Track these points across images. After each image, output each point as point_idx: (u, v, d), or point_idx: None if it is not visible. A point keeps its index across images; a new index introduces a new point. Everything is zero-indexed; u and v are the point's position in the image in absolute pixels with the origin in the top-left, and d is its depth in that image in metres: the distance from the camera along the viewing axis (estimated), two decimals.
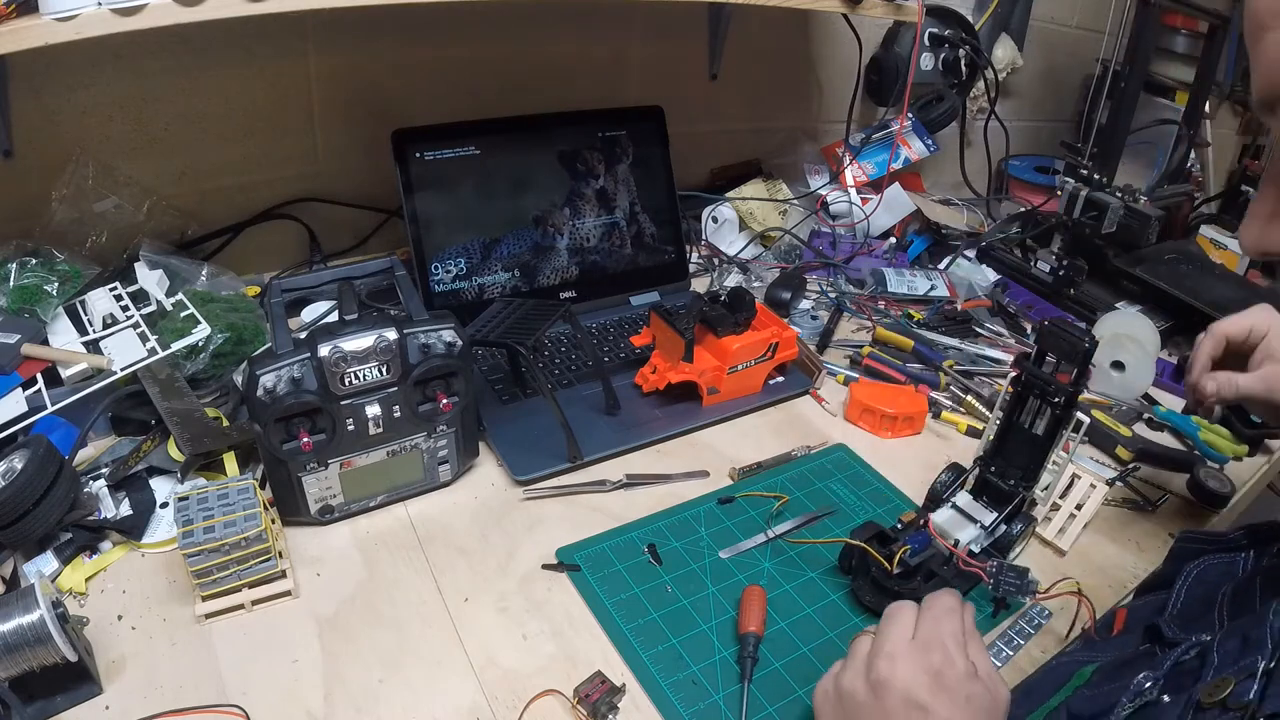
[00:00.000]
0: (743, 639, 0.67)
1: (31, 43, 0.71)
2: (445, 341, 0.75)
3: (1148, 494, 0.89)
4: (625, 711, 0.62)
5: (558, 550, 0.76)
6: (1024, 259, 1.35)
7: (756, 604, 0.69)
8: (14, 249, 0.93)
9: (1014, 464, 0.77)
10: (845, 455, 0.92)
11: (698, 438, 0.93)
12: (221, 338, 0.90)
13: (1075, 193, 1.23)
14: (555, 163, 1.12)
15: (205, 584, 0.65)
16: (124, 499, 0.76)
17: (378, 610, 0.69)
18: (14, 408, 0.79)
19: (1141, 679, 0.51)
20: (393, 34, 1.12)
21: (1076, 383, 0.72)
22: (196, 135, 1.06)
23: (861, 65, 1.44)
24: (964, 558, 0.70)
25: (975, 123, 1.65)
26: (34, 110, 0.95)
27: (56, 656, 0.56)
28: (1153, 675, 0.51)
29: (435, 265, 1.05)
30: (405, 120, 1.02)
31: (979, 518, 0.76)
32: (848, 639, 0.68)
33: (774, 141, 1.53)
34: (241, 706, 0.59)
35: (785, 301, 1.17)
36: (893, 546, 0.70)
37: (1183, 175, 1.57)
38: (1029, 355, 0.75)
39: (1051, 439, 0.74)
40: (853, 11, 1.15)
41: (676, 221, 1.21)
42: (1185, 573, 0.65)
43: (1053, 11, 1.71)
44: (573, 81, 1.24)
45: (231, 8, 0.76)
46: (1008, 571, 0.68)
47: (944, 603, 0.56)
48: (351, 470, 0.75)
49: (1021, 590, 0.67)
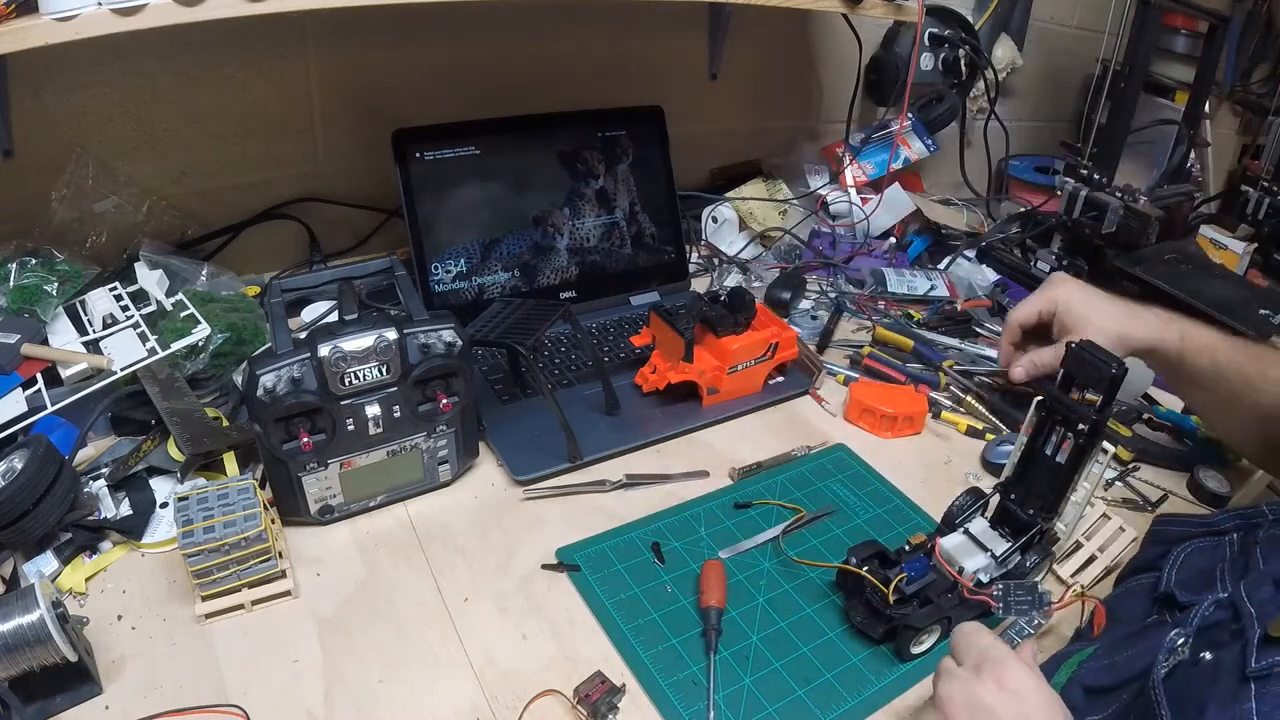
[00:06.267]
0: (704, 613, 0.68)
1: (31, 43, 0.71)
2: (445, 341, 0.75)
3: (1148, 494, 0.89)
4: (625, 711, 0.62)
5: (558, 550, 0.76)
6: (1024, 259, 1.35)
7: (715, 579, 0.70)
8: (14, 249, 0.93)
9: (1034, 493, 0.73)
10: (845, 455, 0.92)
11: (698, 438, 0.93)
12: (221, 338, 0.90)
13: (1075, 193, 1.23)
14: (555, 163, 1.12)
15: (205, 584, 0.65)
16: (124, 499, 0.76)
17: (378, 610, 0.69)
18: (14, 408, 0.79)
19: (1174, 635, 0.52)
20: (393, 34, 1.12)
21: (1102, 410, 0.67)
22: (196, 135, 1.06)
23: (861, 65, 1.44)
24: (968, 586, 0.67)
25: (975, 123, 1.65)
26: (34, 110, 0.95)
27: (56, 656, 0.56)
28: (1184, 631, 0.52)
29: (435, 265, 1.05)
30: (405, 120, 1.02)
31: (991, 546, 0.72)
32: (847, 640, 0.69)
33: (774, 141, 1.54)
34: (241, 706, 0.59)
35: (785, 301, 1.17)
36: (891, 572, 0.68)
37: (1183, 175, 1.57)
38: (1053, 379, 0.71)
39: (1074, 469, 0.70)
40: (853, 11, 1.15)
41: (676, 221, 1.21)
42: (1174, 555, 0.66)
43: (1053, 11, 1.71)
44: (572, 81, 1.24)
45: (231, 8, 0.76)
46: (1016, 591, 0.65)
47: (966, 627, 0.59)
48: (351, 470, 0.75)
49: (1034, 606, 0.65)
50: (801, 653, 0.68)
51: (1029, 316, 0.89)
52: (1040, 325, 0.89)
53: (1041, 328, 0.89)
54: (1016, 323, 0.90)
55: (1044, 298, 0.88)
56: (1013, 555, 0.71)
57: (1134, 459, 0.93)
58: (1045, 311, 0.88)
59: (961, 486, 0.83)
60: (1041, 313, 0.88)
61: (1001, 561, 0.71)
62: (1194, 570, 0.63)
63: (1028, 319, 0.90)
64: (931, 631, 0.68)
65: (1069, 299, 0.86)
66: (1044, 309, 0.88)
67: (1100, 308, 0.85)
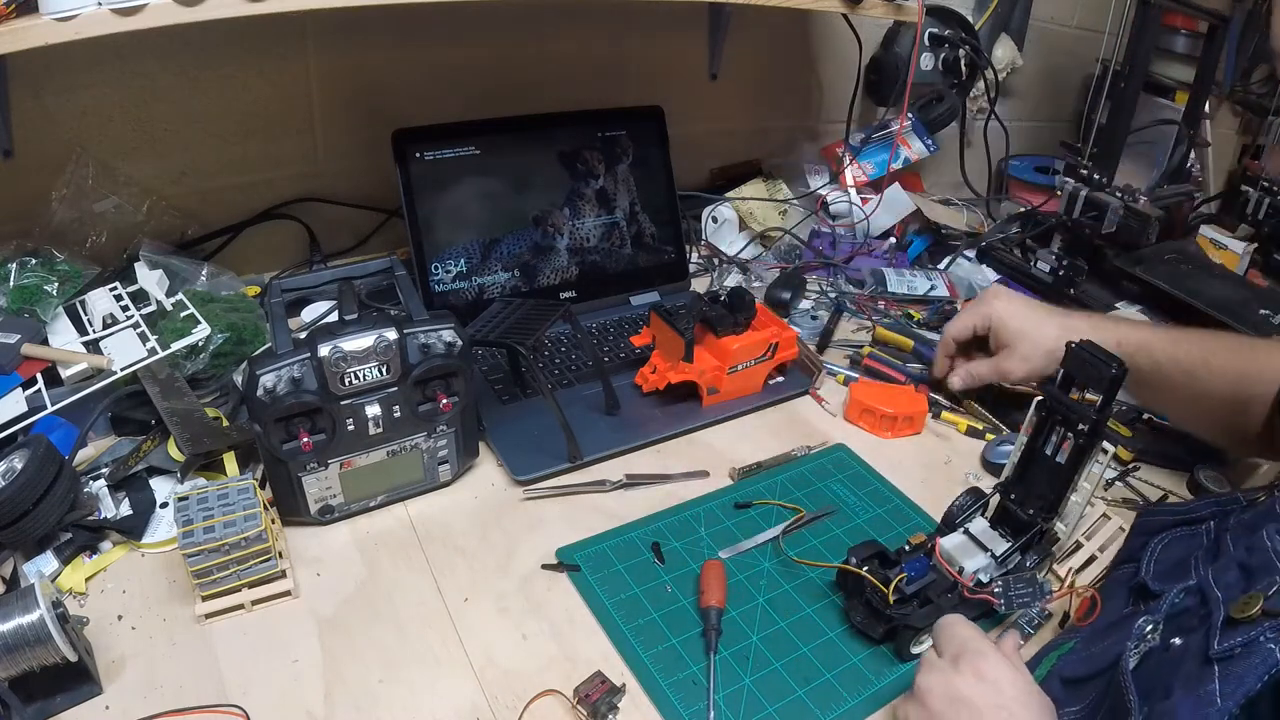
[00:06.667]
0: (704, 613, 0.68)
1: (31, 43, 0.71)
2: (445, 341, 0.75)
3: (1148, 494, 0.89)
4: (625, 711, 0.62)
5: (558, 550, 0.76)
6: (1024, 259, 1.35)
7: (715, 578, 0.70)
8: (14, 249, 0.93)
9: (1035, 493, 0.73)
10: (845, 455, 0.92)
11: (698, 438, 0.93)
12: (221, 338, 0.90)
13: (1075, 193, 1.23)
14: (555, 163, 1.12)
15: (205, 584, 0.65)
16: (124, 499, 0.76)
17: (378, 610, 0.69)
18: (14, 408, 0.79)
19: (1142, 623, 0.53)
20: (393, 34, 1.12)
21: (1102, 411, 0.67)
22: (196, 135, 1.06)
23: (861, 65, 1.44)
24: (968, 586, 0.67)
25: (975, 123, 1.65)
26: (34, 110, 0.95)
27: (56, 656, 0.56)
28: (1152, 619, 0.54)
29: (435, 265, 1.05)
30: (405, 120, 1.02)
31: (991, 546, 0.72)
32: (847, 640, 0.69)
33: (774, 141, 1.53)
34: (241, 706, 0.59)
35: (785, 301, 1.17)
36: (891, 571, 0.68)
37: (1183, 175, 1.57)
38: (1053, 379, 0.70)
39: (1074, 469, 0.70)
40: (853, 11, 1.15)
41: (676, 221, 1.21)
42: (1151, 546, 0.67)
43: (1053, 11, 1.71)
44: (572, 81, 1.24)
45: (231, 8, 0.76)
46: (1016, 585, 0.65)
47: (948, 619, 0.60)
48: (351, 470, 0.75)
49: (1036, 597, 0.65)
50: (801, 653, 0.68)
51: (963, 331, 0.93)
52: (977, 337, 0.93)
53: (979, 339, 0.93)
54: (951, 337, 0.95)
55: (978, 313, 0.92)
56: (1013, 555, 0.71)
57: (1134, 459, 0.93)
58: (980, 327, 0.92)
59: (961, 486, 0.83)
60: (976, 327, 0.92)
61: (1001, 561, 0.71)
62: (1170, 560, 0.64)
63: (961, 334, 0.94)
64: None
65: (1003, 315, 0.90)
66: (978, 324, 0.92)
67: (1035, 322, 0.88)
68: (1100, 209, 1.20)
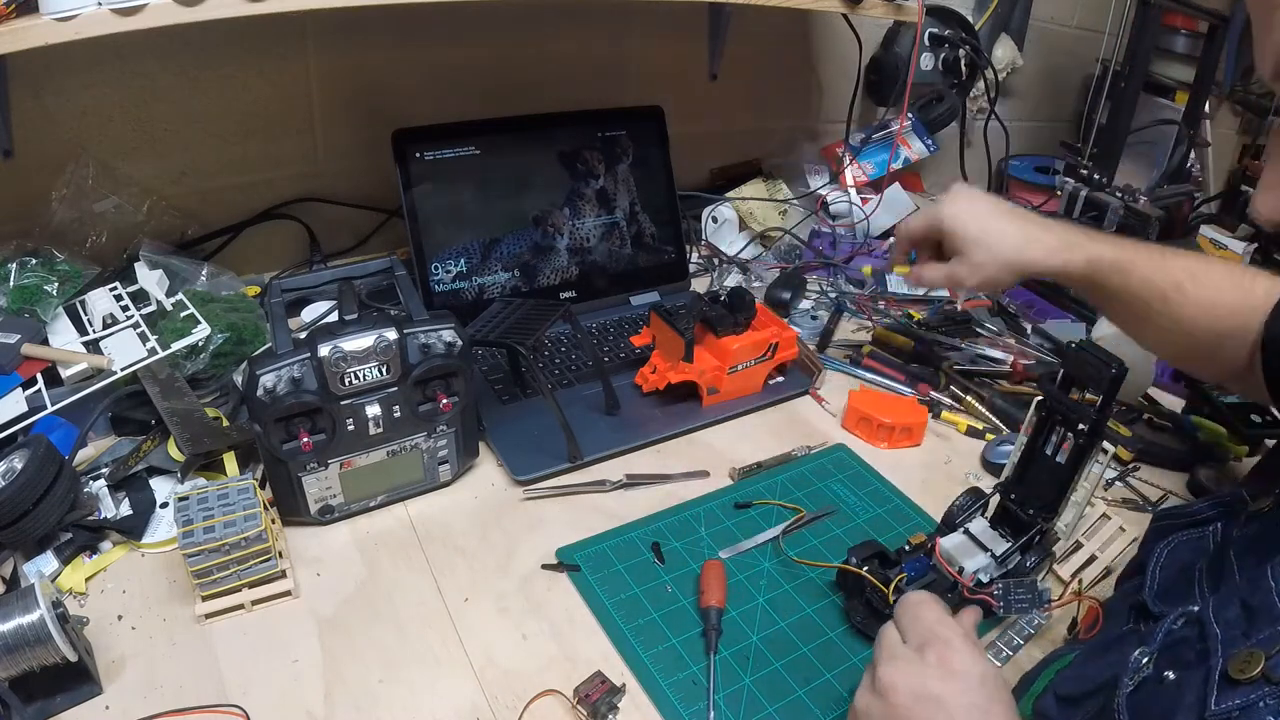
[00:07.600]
0: (704, 613, 0.68)
1: (31, 43, 0.71)
2: (445, 341, 0.75)
3: (1148, 494, 0.89)
4: (625, 711, 0.62)
5: (558, 550, 0.76)
6: None
7: (715, 578, 0.70)
8: (14, 249, 0.93)
9: (1035, 493, 0.72)
10: (845, 455, 0.92)
11: (698, 438, 0.93)
12: (221, 338, 0.90)
13: (1075, 193, 1.24)
14: (555, 163, 1.12)
15: (205, 584, 0.65)
16: (124, 499, 0.76)
17: (378, 610, 0.69)
18: (14, 408, 0.79)
19: (1138, 655, 0.51)
20: (393, 34, 1.12)
21: (1102, 411, 0.66)
22: (196, 135, 1.06)
23: (861, 65, 1.44)
24: (968, 585, 0.67)
25: (975, 123, 1.65)
26: (34, 110, 0.95)
27: (56, 656, 0.56)
28: (1147, 650, 0.51)
29: (435, 265, 1.05)
30: (405, 120, 1.02)
31: (991, 546, 0.71)
32: (848, 640, 0.69)
33: (774, 141, 1.53)
34: (241, 706, 0.59)
35: (785, 301, 1.17)
36: (891, 571, 0.68)
37: (1183, 175, 1.57)
38: (1053, 379, 0.69)
39: (1074, 469, 0.69)
40: (853, 11, 1.15)
41: (676, 221, 1.21)
42: (1156, 553, 0.64)
43: (1053, 11, 1.71)
44: (572, 81, 1.24)
45: (231, 8, 0.76)
46: (1016, 589, 0.65)
47: (913, 599, 0.57)
48: (351, 470, 0.75)
49: (1035, 604, 0.64)
50: (801, 653, 0.68)
51: (916, 230, 0.85)
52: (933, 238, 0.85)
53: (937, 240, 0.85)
54: (905, 236, 0.88)
55: (932, 213, 0.84)
56: (1013, 555, 0.71)
57: (1134, 459, 0.93)
58: (933, 229, 0.84)
59: (961, 486, 0.82)
60: (929, 229, 0.84)
61: (1001, 561, 0.71)
62: (1174, 568, 0.62)
63: (914, 233, 0.86)
64: None
65: (959, 217, 0.81)
66: (932, 225, 0.84)
67: (995, 229, 0.79)
68: (1100, 209, 1.20)
